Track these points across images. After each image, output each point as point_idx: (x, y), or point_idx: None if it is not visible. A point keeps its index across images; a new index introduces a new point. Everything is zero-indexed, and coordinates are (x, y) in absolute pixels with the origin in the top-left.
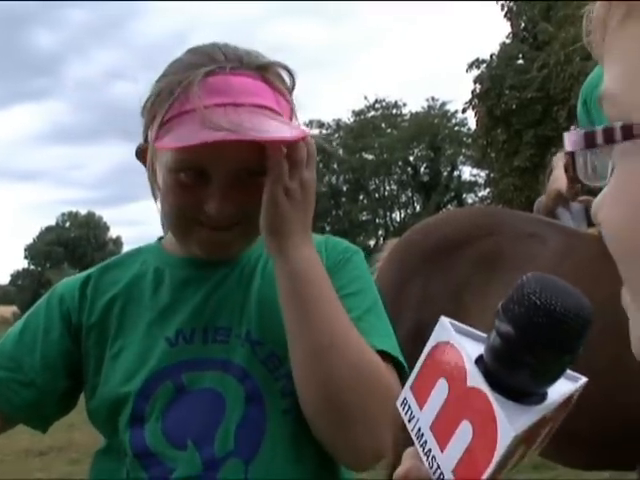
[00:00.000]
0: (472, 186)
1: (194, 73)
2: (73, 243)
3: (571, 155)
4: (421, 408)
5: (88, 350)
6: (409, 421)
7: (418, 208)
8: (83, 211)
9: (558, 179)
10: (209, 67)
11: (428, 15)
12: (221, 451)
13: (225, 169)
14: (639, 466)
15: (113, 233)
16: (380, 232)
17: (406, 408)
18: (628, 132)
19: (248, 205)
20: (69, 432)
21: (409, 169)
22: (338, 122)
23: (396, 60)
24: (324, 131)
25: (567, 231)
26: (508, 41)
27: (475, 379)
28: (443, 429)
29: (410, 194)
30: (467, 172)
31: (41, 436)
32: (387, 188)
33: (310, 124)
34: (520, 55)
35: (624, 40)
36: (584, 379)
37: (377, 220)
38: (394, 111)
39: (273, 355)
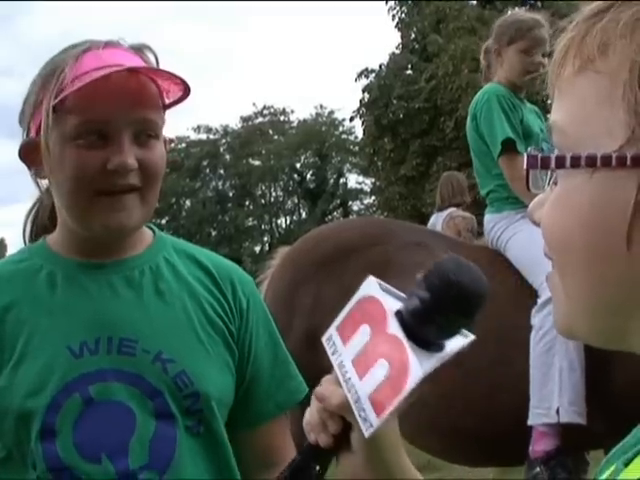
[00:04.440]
0: (358, 194)
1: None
2: None
3: (526, 170)
4: (345, 345)
5: None
6: (332, 354)
7: (304, 215)
8: None
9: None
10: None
11: (318, 24)
12: (135, 464)
13: (124, 127)
14: (527, 461)
15: None
16: (266, 238)
17: (331, 344)
18: (576, 161)
19: (146, 165)
20: None
21: (296, 176)
22: (226, 128)
23: (285, 68)
24: (211, 136)
25: (453, 241)
26: (397, 52)
27: (394, 328)
28: (363, 363)
29: (296, 201)
30: (353, 180)
31: None
32: (273, 194)
33: (198, 129)
34: (409, 66)
35: (576, 88)
36: (472, 336)
37: (263, 226)
38: (282, 118)
39: (183, 373)
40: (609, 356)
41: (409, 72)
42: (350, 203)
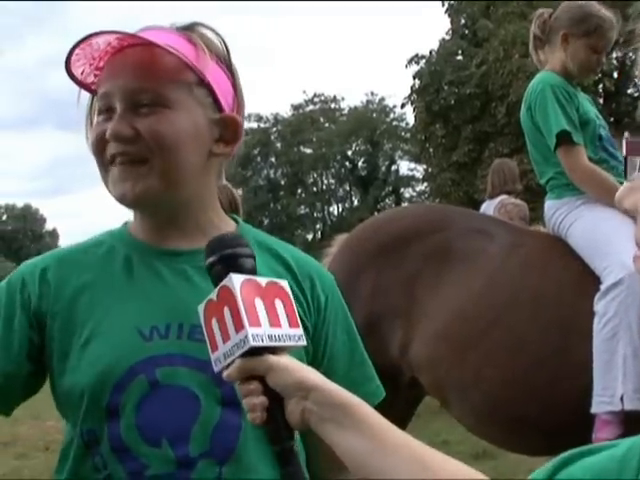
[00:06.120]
0: (409, 180)
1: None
2: (10, 236)
3: (625, 158)
4: (221, 341)
5: (52, 335)
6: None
7: (356, 202)
8: (20, 203)
9: None
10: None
11: (368, 10)
12: (195, 451)
13: (122, 95)
14: None
15: (49, 225)
16: (318, 226)
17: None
18: None
19: (148, 134)
20: (14, 426)
21: (347, 163)
22: (276, 116)
23: (336, 55)
24: (262, 124)
25: (513, 227)
26: (447, 37)
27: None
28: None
29: (348, 188)
30: (405, 167)
31: None
32: (325, 182)
33: (248, 117)
34: (459, 51)
35: None
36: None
37: (315, 214)
38: (332, 105)
39: None
40: None
41: (459, 58)
42: (402, 190)
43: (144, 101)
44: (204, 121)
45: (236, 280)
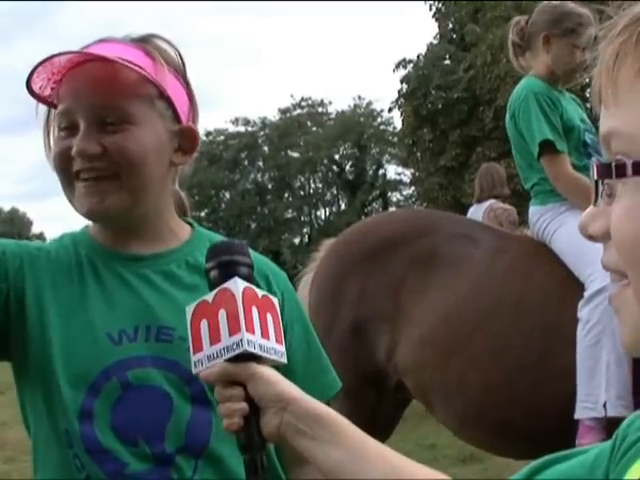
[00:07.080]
0: (397, 185)
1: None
2: None
3: (596, 182)
4: (208, 345)
5: (18, 324)
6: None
7: (343, 206)
8: (7, 207)
9: None
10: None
11: (355, 14)
12: (172, 447)
13: (86, 112)
14: None
15: (36, 229)
16: (305, 230)
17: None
18: None
19: (114, 151)
20: (2, 431)
21: (334, 167)
22: (264, 120)
23: (323, 59)
24: (250, 128)
25: (499, 233)
26: (435, 42)
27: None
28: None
29: (335, 192)
30: (392, 171)
31: None
32: (312, 186)
33: (236, 121)
34: (447, 56)
35: (638, 91)
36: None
37: (302, 218)
38: (320, 109)
39: None
40: None
41: (447, 62)
42: (389, 194)
43: (109, 119)
44: (165, 133)
45: (240, 284)
